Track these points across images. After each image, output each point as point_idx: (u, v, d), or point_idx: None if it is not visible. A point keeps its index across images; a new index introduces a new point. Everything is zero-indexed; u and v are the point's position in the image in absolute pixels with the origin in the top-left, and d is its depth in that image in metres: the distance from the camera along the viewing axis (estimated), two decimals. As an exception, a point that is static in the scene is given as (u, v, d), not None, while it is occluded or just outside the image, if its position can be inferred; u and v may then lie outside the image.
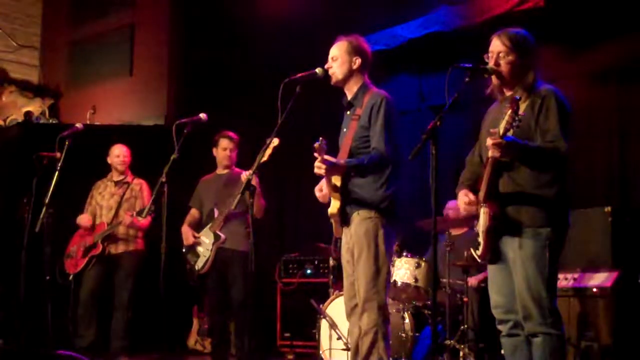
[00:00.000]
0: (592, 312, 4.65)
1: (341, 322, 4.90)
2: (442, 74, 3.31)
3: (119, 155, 6.05)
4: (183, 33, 8.42)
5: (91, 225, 5.93)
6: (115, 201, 5.95)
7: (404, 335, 5.17)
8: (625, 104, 5.70)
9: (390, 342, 3.79)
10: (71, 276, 5.81)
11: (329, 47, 3.89)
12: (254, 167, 3.76)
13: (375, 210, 3.67)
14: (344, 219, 3.75)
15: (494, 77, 3.25)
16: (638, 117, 5.61)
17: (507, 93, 3.27)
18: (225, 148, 5.57)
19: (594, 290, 4.64)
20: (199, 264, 5.39)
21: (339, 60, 3.82)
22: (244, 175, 4.87)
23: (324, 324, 5.37)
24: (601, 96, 5.81)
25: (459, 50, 5.66)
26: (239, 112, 7.52)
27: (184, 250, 5.50)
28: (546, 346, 3.07)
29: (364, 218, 3.68)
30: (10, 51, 9.48)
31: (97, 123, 8.51)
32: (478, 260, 3.28)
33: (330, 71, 3.82)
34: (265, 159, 4.35)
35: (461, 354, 5.07)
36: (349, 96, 3.88)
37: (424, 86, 7.03)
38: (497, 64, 3.22)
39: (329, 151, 3.57)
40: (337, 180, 3.71)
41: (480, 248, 3.19)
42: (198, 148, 5.60)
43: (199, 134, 4.41)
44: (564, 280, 4.77)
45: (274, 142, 4.38)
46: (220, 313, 5.51)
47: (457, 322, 5.24)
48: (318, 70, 3.76)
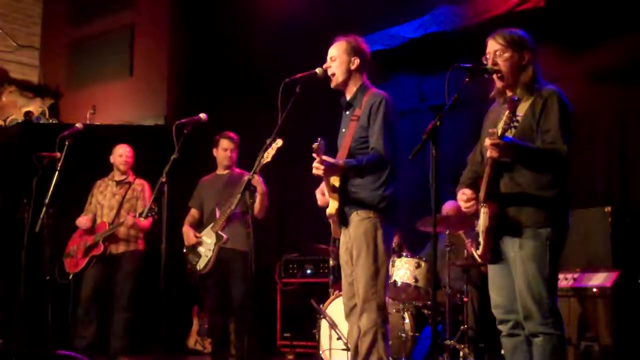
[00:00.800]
0: (592, 312, 4.64)
1: (341, 322, 4.90)
2: (442, 74, 3.31)
3: (122, 155, 6.05)
4: (183, 33, 8.42)
5: (91, 226, 5.93)
6: (117, 201, 5.94)
7: (404, 335, 5.17)
8: (625, 104, 5.70)
9: (390, 342, 3.79)
10: (71, 275, 5.81)
11: (329, 47, 3.89)
12: (256, 168, 3.76)
13: (373, 211, 3.67)
14: (343, 219, 3.75)
15: (495, 78, 3.24)
16: (638, 117, 5.62)
17: (508, 94, 3.26)
18: (225, 148, 5.57)
19: (594, 290, 4.64)
20: (201, 264, 5.39)
21: (337, 60, 3.82)
22: (247, 176, 4.87)
23: (324, 324, 5.37)
24: (601, 96, 5.81)
25: (459, 50, 5.65)
26: (239, 112, 7.52)
27: (184, 250, 5.50)
28: (546, 346, 3.06)
29: (363, 218, 3.68)
30: (10, 51, 9.47)
31: (97, 123, 8.51)
32: (478, 260, 3.29)
33: (329, 71, 3.82)
34: (269, 159, 4.35)
35: (461, 354, 5.07)
36: (348, 96, 3.87)
37: (424, 86, 7.03)
38: (494, 63, 3.21)
39: (327, 151, 3.57)
40: (335, 181, 3.71)
41: (481, 248, 3.19)
42: (198, 148, 5.60)
43: (199, 134, 4.40)
44: (564, 280, 4.77)
45: (278, 143, 4.38)
46: (220, 313, 5.51)
47: (457, 322, 5.25)
48: (318, 70, 3.76)
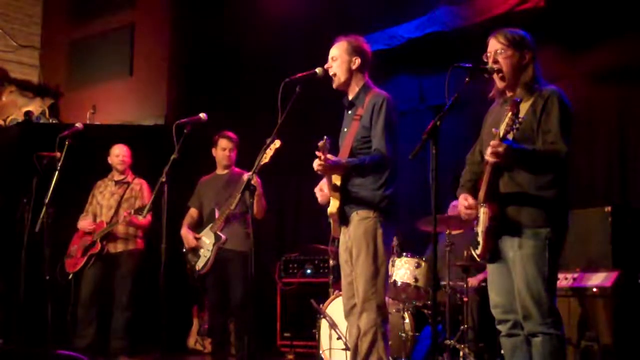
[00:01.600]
0: (592, 312, 4.64)
1: (341, 322, 4.90)
2: (442, 74, 3.31)
3: (119, 155, 6.06)
4: (183, 33, 8.42)
5: (92, 228, 5.93)
6: (116, 200, 5.95)
7: (404, 335, 5.17)
8: (625, 104, 5.69)
9: (390, 342, 3.80)
10: (71, 275, 5.82)
11: (329, 47, 3.89)
12: (255, 168, 3.76)
13: (374, 210, 3.67)
14: (343, 218, 3.75)
15: (496, 78, 3.24)
16: (638, 117, 5.61)
17: (508, 94, 3.26)
18: (224, 148, 5.57)
19: (594, 290, 4.63)
20: (200, 264, 5.39)
21: (338, 60, 3.82)
22: (246, 176, 4.87)
23: (324, 324, 5.37)
24: (601, 96, 5.81)
25: (459, 50, 5.65)
26: (239, 112, 7.52)
27: (184, 250, 5.50)
28: (546, 346, 3.06)
29: (363, 218, 3.68)
30: (10, 51, 9.47)
31: (97, 123, 8.51)
32: (478, 260, 3.29)
33: (331, 71, 3.82)
34: (267, 160, 4.35)
35: (461, 353, 5.07)
36: (350, 96, 3.88)
37: (424, 86, 7.02)
38: (495, 61, 3.21)
39: (330, 151, 3.57)
40: (337, 180, 3.71)
41: (480, 248, 3.19)
42: (198, 148, 5.60)
43: (198, 134, 4.40)
44: (564, 280, 4.76)
45: (276, 144, 4.39)
46: (220, 313, 5.51)
47: (457, 322, 5.24)
48: (318, 70, 3.76)
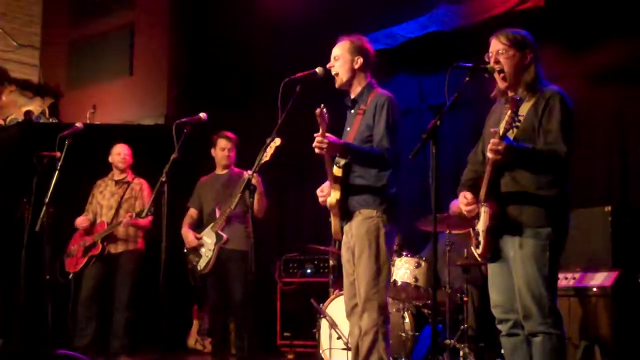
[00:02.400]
0: (592, 312, 4.64)
1: (341, 322, 4.91)
2: (442, 74, 3.32)
3: (120, 154, 6.05)
4: (183, 33, 8.42)
5: (89, 225, 5.93)
6: (116, 200, 5.95)
7: (404, 334, 5.17)
8: (626, 104, 5.69)
9: (390, 342, 3.79)
10: (71, 275, 5.82)
11: (329, 47, 3.89)
12: (255, 167, 3.76)
13: (376, 210, 3.68)
14: (343, 212, 3.75)
15: (497, 78, 3.24)
16: (638, 117, 5.61)
17: (510, 94, 3.26)
18: (223, 148, 5.57)
19: (594, 290, 4.63)
20: (201, 264, 5.39)
21: (340, 59, 3.82)
22: (246, 174, 4.87)
23: (324, 324, 5.37)
24: (601, 96, 5.80)
25: (459, 50, 5.65)
26: (239, 112, 7.52)
27: (185, 250, 5.50)
28: (546, 346, 3.06)
29: (365, 217, 3.68)
30: (10, 51, 9.48)
31: (97, 122, 8.51)
32: (478, 259, 3.29)
33: (333, 71, 3.83)
34: (267, 159, 4.35)
35: (461, 353, 5.07)
36: (352, 95, 3.88)
37: (424, 86, 7.03)
38: (497, 61, 3.21)
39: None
40: (338, 172, 3.71)
41: (481, 247, 3.19)
42: (198, 148, 5.60)
43: (198, 134, 4.40)
44: (564, 280, 4.76)
45: (276, 142, 4.39)
46: (220, 313, 5.51)
47: (457, 322, 5.24)
48: (318, 69, 3.75)
